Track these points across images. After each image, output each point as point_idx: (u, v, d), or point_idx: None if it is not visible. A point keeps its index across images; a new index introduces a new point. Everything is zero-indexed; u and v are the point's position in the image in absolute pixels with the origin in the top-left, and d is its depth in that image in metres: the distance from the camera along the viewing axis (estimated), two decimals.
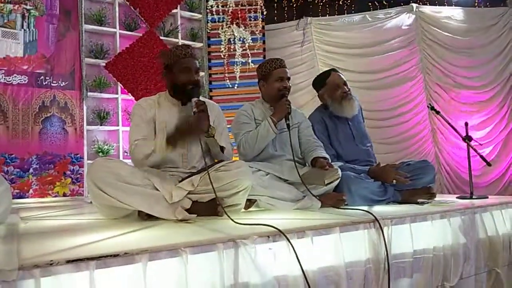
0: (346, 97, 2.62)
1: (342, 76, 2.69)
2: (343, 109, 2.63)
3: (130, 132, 2.12)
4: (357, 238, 1.61)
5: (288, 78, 2.47)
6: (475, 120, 5.16)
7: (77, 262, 1.05)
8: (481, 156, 2.68)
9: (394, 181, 2.36)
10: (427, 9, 5.51)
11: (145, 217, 1.86)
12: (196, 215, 1.86)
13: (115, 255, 1.11)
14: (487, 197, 2.61)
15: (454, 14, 5.44)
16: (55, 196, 4.06)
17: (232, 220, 1.57)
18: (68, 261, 1.04)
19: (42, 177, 4.04)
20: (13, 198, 3.68)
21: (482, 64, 5.26)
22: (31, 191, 3.98)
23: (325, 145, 2.58)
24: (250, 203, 2.17)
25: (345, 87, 2.64)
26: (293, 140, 2.47)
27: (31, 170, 4.00)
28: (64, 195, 4.12)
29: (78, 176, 4.21)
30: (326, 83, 2.68)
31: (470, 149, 2.70)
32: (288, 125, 2.31)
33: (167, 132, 1.97)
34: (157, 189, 1.87)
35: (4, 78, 3.97)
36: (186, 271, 1.19)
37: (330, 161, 2.34)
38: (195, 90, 2.02)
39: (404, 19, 5.52)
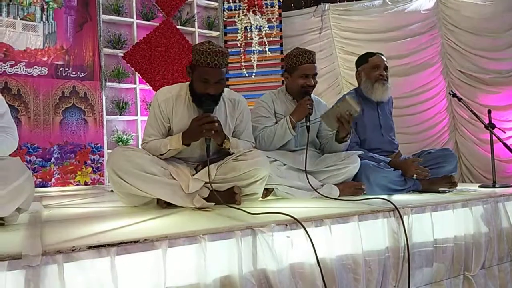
0: (380, 80, 2.55)
1: (385, 61, 2.63)
2: (373, 91, 2.56)
3: (145, 126, 2.10)
4: (376, 227, 1.60)
5: (315, 75, 2.36)
6: (498, 103, 4.97)
7: (98, 248, 1.07)
8: (505, 144, 2.61)
9: (415, 176, 2.32)
10: None
11: (164, 205, 1.89)
12: (214, 203, 1.87)
13: (135, 242, 1.13)
14: (510, 186, 2.55)
15: None
16: (77, 185, 4.15)
17: (244, 211, 1.57)
18: (90, 247, 1.07)
19: (63, 166, 4.13)
20: (35, 187, 3.81)
21: (508, 47, 5.05)
22: (53, 180, 4.07)
23: (351, 131, 2.55)
24: (267, 192, 2.17)
25: (384, 71, 2.58)
26: (312, 134, 2.42)
27: (52, 160, 4.09)
28: (85, 184, 4.21)
29: (99, 165, 4.29)
30: (368, 61, 2.62)
31: (493, 137, 2.63)
32: (307, 127, 2.24)
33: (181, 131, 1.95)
34: (175, 178, 1.89)
35: (25, 70, 4.04)
36: (205, 257, 1.20)
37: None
38: (207, 102, 1.92)
39: (424, 2, 5.36)
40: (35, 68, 4.09)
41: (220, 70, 1.91)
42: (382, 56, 2.63)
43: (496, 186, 2.52)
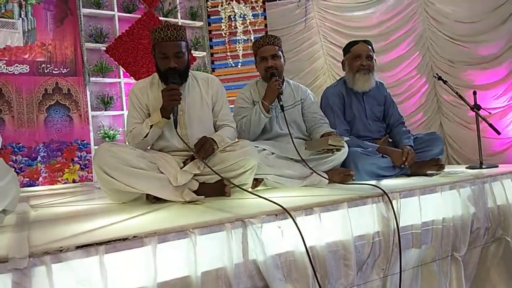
0: (361, 70, 2.52)
1: (370, 50, 2.57)
2: (354, 81, 2.56)
3: (127, 119, 2.16)
4: (365, 213, 1.61)
5: (274, 56, 2.37)
6: (483, 82, 5.01)
7: (86, 247, 1.06)
8: (490, 125, 2.63)
9: (403, 165, 2.34)
10: None
11: (153, 200, 1.87)
12: (203, 196, 1.87)
13: (124, 239, 1.12)
14: (497, 166, 2.58)
15: None
16: (65, 183, 4.11)
17: (251, 192, 1.57)
18: (78, 247, 1.05)
19: (50, 164, 4.08)
20: (23, 187, 3.78)
21: (489, 30, 5.09)
22: (40, 179, 4.02)
23: (340, 119, 2.56)
24: (257, 182, 2.17)
25: (367, 60, 2.53)
26: (295, 118, 2.45)
27: (39, 158, 4.04)
28: (74, 181, 4.16)
29: (86, 162, 4.24)
30: (350, 50, 2.59)
31: (479, 118, 2.66)
32: (281, 106, 2.25)
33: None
34: (163, 173, 1.87)
35: (6, 69, 3.96)
36: (195, 252, 1.20)
37: (338, 134, 2.32)
38: (171, 76, 1.96)
39: None
40: (16, 66, 4.01)
41: (176, 43, 1.97)
42: (368, 45, 2.59)
43: (483, 167, 2.55)
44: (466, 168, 2.64)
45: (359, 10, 5.48)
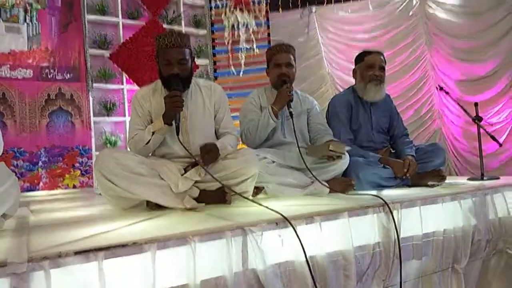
0: (373, 80, 2.53)
1: (383, 61, 2.59)
2: (366, 91, 2.56)
3: (129, 126, 2.16)
4: (366, 223, 1.60)
5: (288, 64, 2.40)
6: (483, 97, 5.03)
7: (85, 253, 1.06)
8: (492, 136, 2.64)
9: (404, 176, 2.34)
10: None
11: (154, 207, 1.87)
12: (204, 203, 1.86)
13: (123, 245, 1.11)
14: (499, 178, 2.57)
15: None
16: (65, 188, 4.11)
17: (252, 200, 1.57)
18: (77, 252, 1.05)
19: (51, 169, 4.08)
20: (23, 192, 3.77)
21: (488, 45, 5.12)
22: (41, 184, 4.02)
23: (345, 128, 2.56)
24: (258, 190, 2.16)
25: (379, 71, 2.55)
26: (301, 126, 2.46)
27: (40, 163, 4.04)
28: (74, 187, 4.16)
29: (87, 168, 4.24)
30: (364, 59, 2.60)
31: (481, 129, 2.66)
32: (290, 113, 2.27)
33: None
34: (164, 179, 1.87)
35: (10, 73, 3.98)
36: (194, 259, 1.19)
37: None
38: (174, 82, 1.97)
39: (408, 4, 5.42)
40: (20, 71, 4.03)
41: (180, 49, 1.98)
42: (380, 56, 2.60)
43: (484, 178, 2.54)
44: (468, 179, 2.64)
45: (361, 23, 5.53)
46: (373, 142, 2.61)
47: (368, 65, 2.56)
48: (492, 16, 4.98)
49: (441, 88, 2.91)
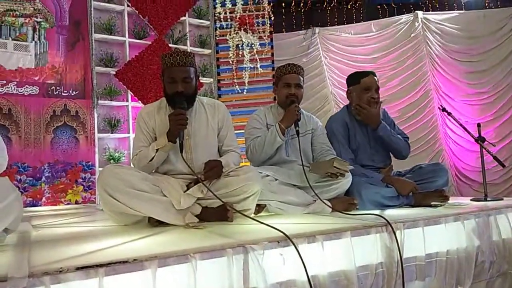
0: (370, 102, 2.53)
1: (377, 82, 2.60)
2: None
3: (133, 143, 2.19)
4: (369, 242, 1.59)
5: (297, 85, 2.44)
6: (486, 118, 5.06)
7: (86, 269, 1.05)
8: (495, 158, 2.63)
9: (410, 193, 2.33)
10: (431, 17, 5.49)
11: (155, 223, 1.87)
12: (205, 222, 1.86)
13: (124, 262, 1.11)
14: (502, 199, 2.56)
15: (459, 19, 5.37)
16: (68, 204, 4.10)
17: (253, 218, 1.56)
18: (78, 268, 1.05)
19: (54, 185, 4.09)
20: (26, 206, 3.77)
21: (487, 69, 5.18)
22: (43, 199, 4.02)
23: (344, 148, 2.56)
24: (259, 208, 2.16)
25: (376, 93, 2.56)
26: (304, 146, 2.46)
27: (43, 179, 4.05)
28: (76, 202, 4.15)
29: (90, 183, 4.24)
30: (360, 82, 2.59)
31: (484, 150, 2.65)
32: (297, 132, 2.30)
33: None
34: (166, 196, 1.87)
35: (16, 90, 4.03)
36: (195, 277, 1.18)
37: None
38: (179, 100, 2.00)
39: (410, 27, 5.51)
40: (26, 87, 4.08)
41: (185, 68, 2.02)
42: (375, 77, 2.61)
43: (487, 199, 2.53)
44: (471, 200, 2.62)
45: (363, 44, 5.62)
46: (373, 161, 2.60)
47: (365, 87, 2.56)
48: (492, 39, 5.05)
49: (444, 109, 2.92)
